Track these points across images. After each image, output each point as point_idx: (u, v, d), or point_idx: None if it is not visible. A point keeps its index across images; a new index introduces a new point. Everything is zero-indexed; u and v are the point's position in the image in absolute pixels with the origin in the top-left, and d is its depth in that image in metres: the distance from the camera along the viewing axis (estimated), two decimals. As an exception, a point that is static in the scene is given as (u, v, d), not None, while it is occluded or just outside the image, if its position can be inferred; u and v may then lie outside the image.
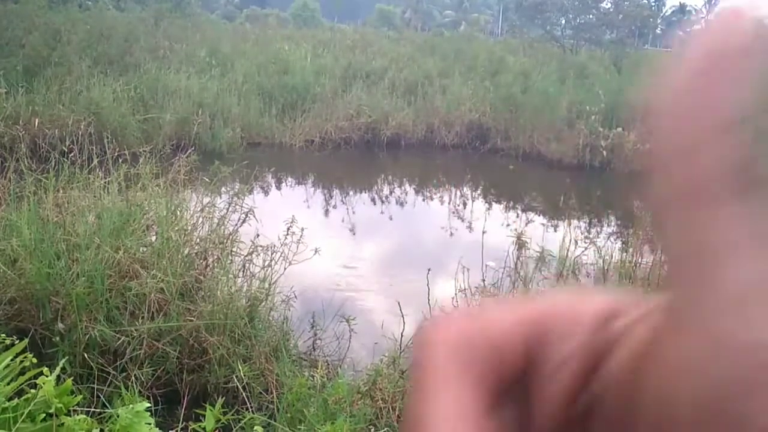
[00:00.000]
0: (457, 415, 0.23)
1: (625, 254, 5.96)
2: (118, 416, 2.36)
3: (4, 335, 2.77)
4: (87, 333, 3.91)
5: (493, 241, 5.89)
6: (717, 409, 0.18)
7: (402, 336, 4.18)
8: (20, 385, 2.42)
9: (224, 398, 3.40)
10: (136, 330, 3.96)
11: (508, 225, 7.76)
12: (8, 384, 2.42)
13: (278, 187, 10.54)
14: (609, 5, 23.99)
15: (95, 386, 3.68)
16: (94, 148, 5.72)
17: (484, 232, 5.37)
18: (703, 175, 0.19)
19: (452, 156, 13.29)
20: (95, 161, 5.46)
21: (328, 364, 4.41)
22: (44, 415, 2.24)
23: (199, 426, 2.79)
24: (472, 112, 13.86)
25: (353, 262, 7.03)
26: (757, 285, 0.19)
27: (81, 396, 2.47)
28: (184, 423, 3.39)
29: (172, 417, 3.69)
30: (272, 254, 4.73)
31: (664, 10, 67.66)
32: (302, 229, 4.78)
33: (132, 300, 4.14)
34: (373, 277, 6.68)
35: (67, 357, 3.46)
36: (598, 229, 9.08)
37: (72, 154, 5.44)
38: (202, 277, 4.61)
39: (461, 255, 5.14)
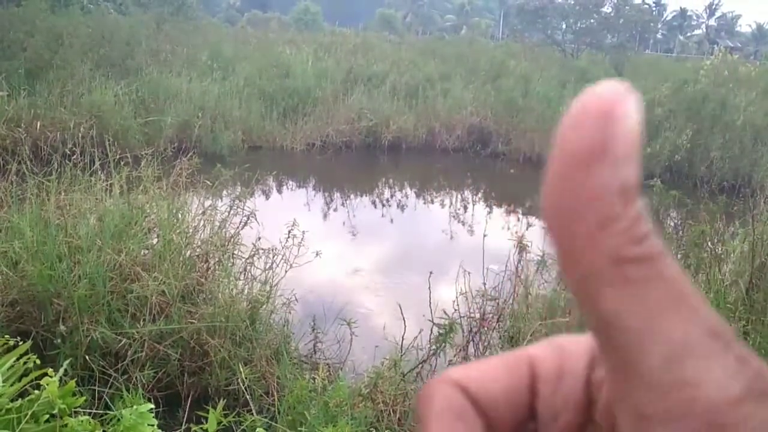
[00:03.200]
0: None
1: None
2: (120, 418, 2.37)
3: (7, 337, 2.78)
4: (88, 335, 3.92)
5: (494, 244, 5.89)
6: None
7: (403, 339, 4.18)
8: (24, 386, 2.43)
9: (225, 401, 3.40)
10: (137, 332, 3.96)
11: (509, 228, 7.76)
12: (12, 385, 2.42)
13: (279, 191, 10.55)
14: (610, 10, 24.03)
15: (96, 388, 3.69)
16: (95, 150, 5.72)
17: (485, 236, 5.37)
18: (590, 265, 0.21)
19: (453, 159, 13.31)
20: (97, 164, 5.47)
21: (329, 367, 4.42)
22: (48, 416, 2.25)
23: (201, 428, 2.79)
24: (473, 116, 13.89)
25: (354, 265, 7.04)
26: (679, 345, 0.21)
27: (84, 398, 2.48)
28: (185, 425, 3.40)
29: (173, 419, 3.70)
30: (273, 257, 4.74)
31: (665, 15, 67.73)
32: (303, 232, 4.78)
33: (133, 302, 4.15)
34: (374, 280, 6.69)
35: (68, 359, 3.46)
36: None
37: (74, 156, 5.44)
38: (203, 280, 4.62)
39: (462, 258, 5.14)
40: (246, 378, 3.82)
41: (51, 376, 2.26)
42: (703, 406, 0.20)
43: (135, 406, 2.33)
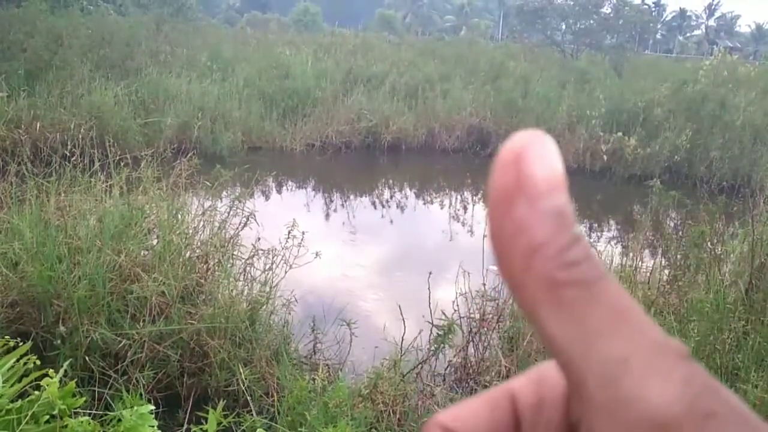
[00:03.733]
0: None
1: (625, 258, 5.97)
2: (121, 419, 2.37)
3: (7, 337, 2.78)
4: (88, 336, 3.92)
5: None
6: None
7: (403, 339, 4.18)
8: (24, 387, 2.43)
9: (225, 401, 3.40)
10: (137, 333, 3.96)
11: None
12: (12, 386, 2.42)
13: (279, 191, 10.55)
14: (609, 10, 24.01)
15: (96, 389, 3.69)
16: (95, 151, 5.73)
17: (484, 237, 5.36)
18: (527, 291, 0.23)
19: (453, 160, 13.31)
20: (97, 165, 5.48)
21: (329, 368, 4.42)
22: (48, 416, 2.25)
23: (201, 429, 2.79)
24: (472, 117, 13.89)
25: (354, 266, 7.04)
26: (617, 364, 0.21)
27: (84, 398, 2.48)
28: (185, 426, 3.40)
29: (173, 420, 3.70)
30: (273, 258, 4.74)
31: (664, 15, 67.74)
32: (303, 233, 4.78)
33: (133, 303, 4.15)
34: (374, 281, 6.69)
35: (68, 360, 3.46)
36: (599, 234, 9.09)
37: (74, 157, 5.44)
38: (203, 281, 4.62)
39: (462, 259, 5.14)
40: (246, 379, 3.83)
41: (51, 377, 2.26)
42: (645, 425, 0.20)
43: (135, 407, 2.33)
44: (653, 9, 49.07)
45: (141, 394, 3.49)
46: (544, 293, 0.22)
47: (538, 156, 0.24)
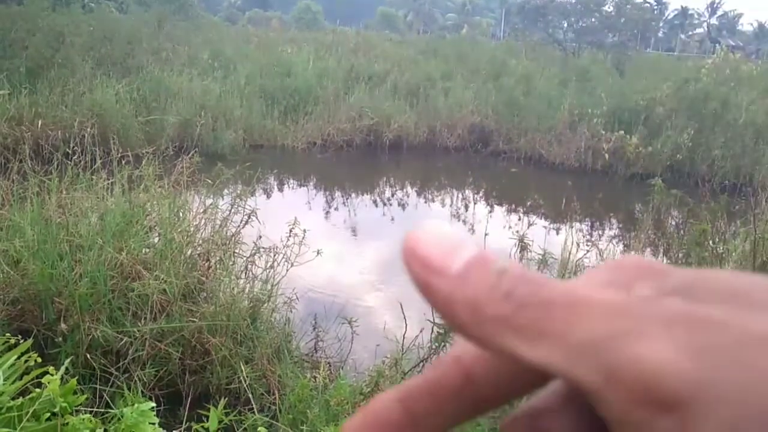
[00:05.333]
0: None
1: (627, 257, 5.96)
2: (122, 416, 2.37)
3: (8, 335, 2.78)
4: (89, 334, 3.92)
5: (496, 243, 5.90)
6: None
7: (404, 338, 4.18)
8: (25, 385, 2.43)
9: (226, 399, 3.40)
10: (138, 331, 3.97)
11: (510, 227, 7.76)
12: (13, 383, 2.43)
13: (280, 189, 10.55)
14: (611, 8, 24.01)
15: (98, 387, 3.69)
16: (97, 149, 5.73)
17: (486, 235, 5.37)
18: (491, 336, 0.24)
19: (454, 158, 13.31)
20: (98, 163, 5.47)
21: (330, 366, 4.42)
22: (49, 414, 2.25)
23: (202, 427, 2.79)
24: (474, 115, 13.88)
25: (355, 264, 7.04)
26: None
27: (85, 396, 2.48)
28: (186, 423, 3.41)
29: (174, 418, 3.70)
30: (274, 256, 4.74)
31: (666, 14, 67.67)
32: (304, 231, 4.78)
33: (135, 301, 4.15)
34: (375, 279, 6.69)
35: (70, 357, 3.47)
36: (600, 232, 9.09)
37: (75, 155, 5.44)
38: (204, 279, 4.62)
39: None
40: (247, 376, 3.83)
41: (52, 375, 2.26)
42: (643, 382, 0.20)
43: (136, 405, 2.33)
44: (655, 7, 49.03)
45: (142, 392, 3.50)
46: (505, 332, 0.23)
47: (424, 239, 0.25)
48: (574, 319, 0.22)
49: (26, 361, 2.52)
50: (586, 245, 6.33)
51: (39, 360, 2.54)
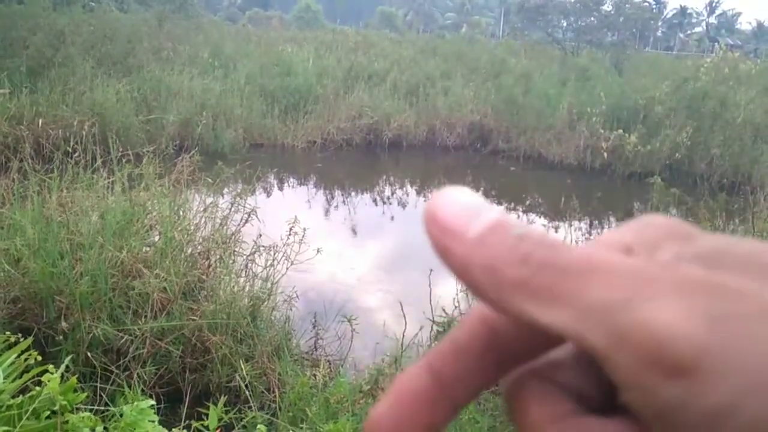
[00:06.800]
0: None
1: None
2: (122, 414, 2.38)
3: (8, 333, 2.79)
4: (90, 332, 3.93)
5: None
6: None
7: (404, 336, 4.19)
8: (25, 383, 2.44)
9: (227, 397, 3.41)
10: (139, 329, 3.98)
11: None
12: (12, 381, 2.44)
13: (280, 188, 10.56)
14: (610, 8, 23.99)
15: (98, 385, 3.70)
16: (97, 148, 5.73)
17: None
18: (507, 301, 0.24)
19: (453, 157, 13.32)
20: (99, 161, 5.48)
21: (330, 364, 4.44)
22: (49, 412, 2.26)
23: (202, 424, 2.81)
24: (473, 114, 13.89)
25: (355, 262, 7.05)
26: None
27: (85, 394, 2.49)
28: (186, 421, 3.42)
29: (174, 415, 3.72)
30: (274, 254, 4.76)
31: (665, 13, 67.66)
32: (304, 229, 4.79)
33: (135, 299, 4.16)
34: (375, 277, 6.70)
35: (70, 356, 3.48)
36: (599, 231, 9.10)
37: (76, 154, 5.45)
38: (204, 277, 4.64)
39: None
40: (247, 374, 3.84)
41: (52, 373, 2.27)
42: (653, 347, 0.20)
43: (135, 403, 2.34)
44: (654, 6, 49.02)
45: (142, 390, 3.51)
46: (521, 296, 0.23)
47: (445, 202, 0.26)
48: (588, 283, 0.22)
49: (26, 360, 2.53)
50: (585, 244, 6.33)
51: (39, 358, 2.55)
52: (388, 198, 10.31)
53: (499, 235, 0.24)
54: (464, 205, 0.25)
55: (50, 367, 2.38)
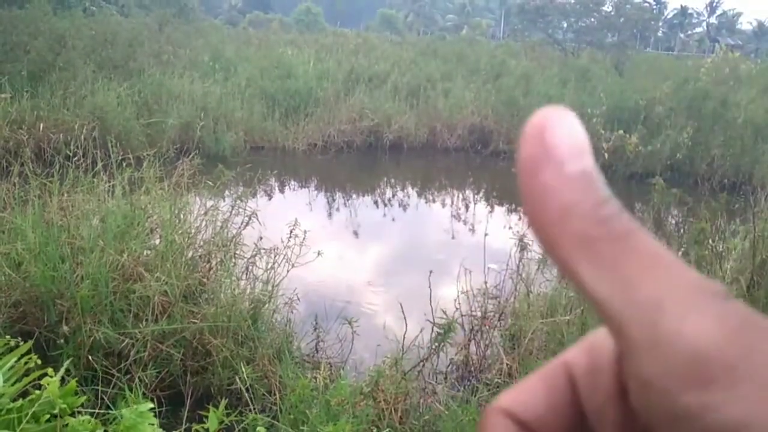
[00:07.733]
0: None
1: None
2: (121, 417, 2.38)
3: (9, 337, 2.80)
4: (91, 335, 3.94)
5: (496, 243, 5.90)
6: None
7: (404, 338, 4.19)
8: (25, 386, 2.44)
9: (227, 400, 3.41)
10: (140, 332, 3.98)
11: (510, 227, 7.77)
12: (13, 385, 2.44)
13: (281, 191, 10.57)
14: (610, 8, 23.97)
15: (99, 388, 3.70)
16: (98, 152, 5.74)
17: (486, 235, 5.38)
18: (563, 249, 0.24)
19: (454, 159, 13.32)
20: (99, 165, 5.49)
21: (331, 366, 4.43)
22: (48, 415, 2.26)
23: (203, 427, 2.81)
24: (474, 116, 13.89)
25: (355, 265, 7.05)
26: (653, 305, 0.22)
27: (85, 397, 2.49)
28: (187, 424, 3.42)
29: (175, 418, 3.72)
30: (275, 257, 4.76)
31: (665, 13, 67.63)
32: (305, 232, 4.80)
33: (136, 302, 4.16)
34: (376, 279, 6.70)
35: (71, 359, 3.48)
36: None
37: (76, 158, 5.46)
38: (205, 280, 4.64)
39: (463, 257, 5.15)
40: (248, 377, 3.84)
41: (51, 376, 2.28)
42: (683, 359, 0.21)
43: (135, 406, 2.34)
44: (654, 7, 49.01)
45: (143, 393, 3.51)
46: (579, 250, 0.23)
47: (560, 126, 0.25)
48: (649, 274, 0.23)
49: (26, 363, 2.53)
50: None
51: (39, 362, 2.55)
52: (389, 200, 10.31)
53: (590, 186, 0.24)
54: (575, 137, 0.25)
55: (50, 370, 2.38)
